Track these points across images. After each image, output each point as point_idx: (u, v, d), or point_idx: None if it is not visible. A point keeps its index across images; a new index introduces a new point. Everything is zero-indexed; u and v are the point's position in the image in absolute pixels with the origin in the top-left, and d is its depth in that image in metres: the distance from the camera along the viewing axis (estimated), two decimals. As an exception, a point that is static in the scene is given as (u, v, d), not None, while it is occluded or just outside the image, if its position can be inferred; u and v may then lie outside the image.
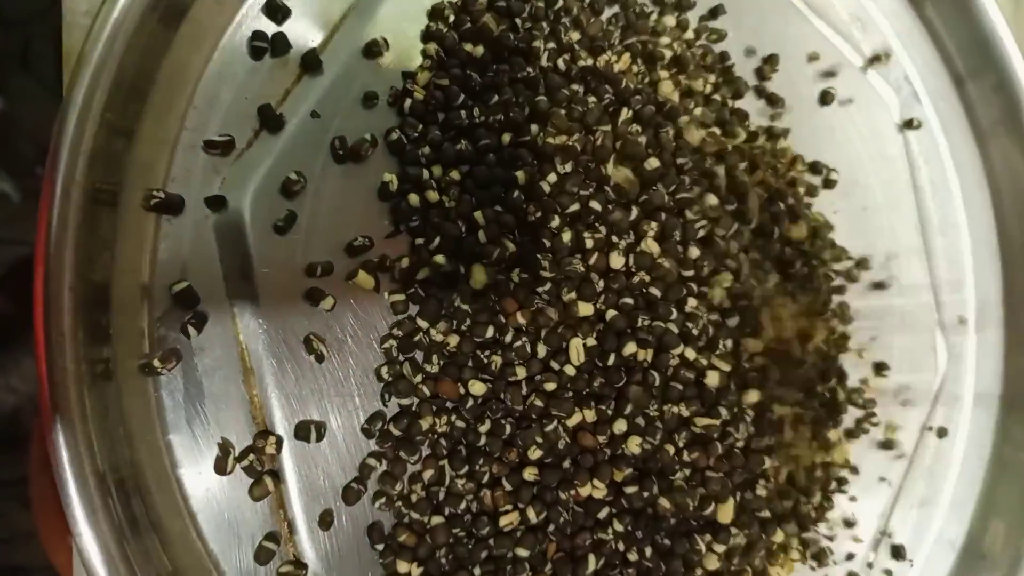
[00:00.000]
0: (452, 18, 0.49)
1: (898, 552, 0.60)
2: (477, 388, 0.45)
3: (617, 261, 0.46)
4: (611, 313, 0.46)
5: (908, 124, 0.63)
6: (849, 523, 0.58)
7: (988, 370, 0.64)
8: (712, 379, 0.46)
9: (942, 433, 0.62)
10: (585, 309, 0.45)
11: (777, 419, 0.49)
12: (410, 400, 0.45)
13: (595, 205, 0.46)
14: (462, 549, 0.45)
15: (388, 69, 0.47)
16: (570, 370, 0.45)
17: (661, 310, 0.46)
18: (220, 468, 0.42)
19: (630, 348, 0.45)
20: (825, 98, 0.60)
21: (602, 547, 0.46)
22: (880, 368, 0.60)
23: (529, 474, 0.46)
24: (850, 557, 0.57)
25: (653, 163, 0.47)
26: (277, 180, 0.44)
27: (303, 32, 0.47)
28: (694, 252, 0.47)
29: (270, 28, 0.46)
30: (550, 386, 0.45)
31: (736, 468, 0.48)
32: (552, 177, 0.47)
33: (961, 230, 0.64)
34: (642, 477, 0.46)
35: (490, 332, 0.46)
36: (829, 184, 0.59)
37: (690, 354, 0.46)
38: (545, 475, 0.46)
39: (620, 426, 0.45)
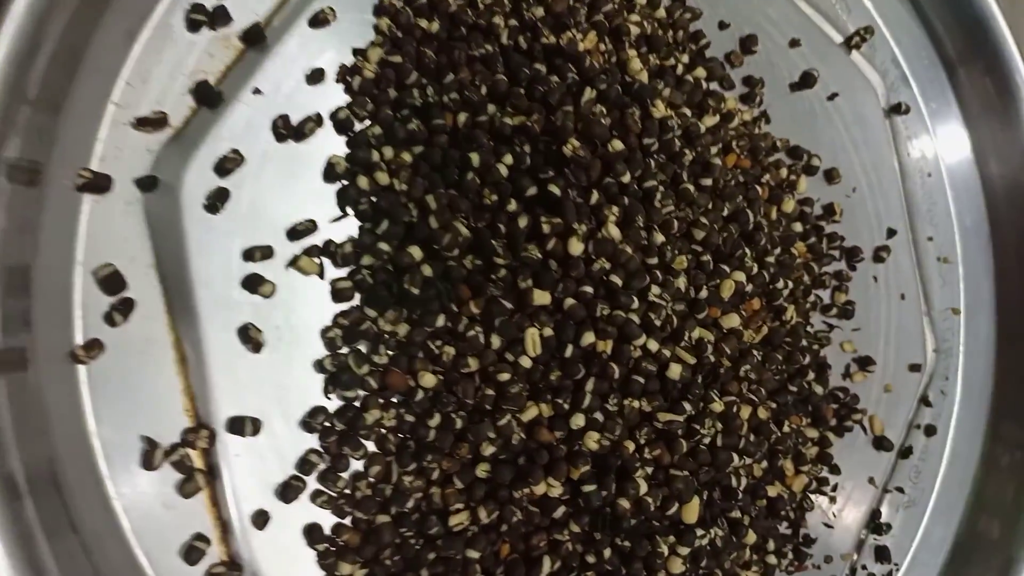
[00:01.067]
0: (406, -9, 0.47)
1: (883, 554, 0.57)
2: (427, 380, 0.43)
3: (576, 247, 0.43)
4: (569, 302, 0.43)
5: (895, 109, 0.60)
6: (829, 525, 0.55)
7: (979, 364, 0.61)
8: (675, 372, 0.44)
9: (930, 431, 0.59)
10: (542, 298, 0.43)
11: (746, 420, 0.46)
12: (355, 393, 0.43)
13: (554, 189, 0.44)
14: (409, 550, 0.43)
15: (336, 44, 0.45)
16: (525, 362, 0.43)
17: (622, 299, 0.43)
18: (148, 463, 0.40)
19: (588, 339, 0.43)
20: (807, 81, 0.57)
21: (558, 548, 0.44)
22: (864, 363, 0.57)
23: (481, 471, 0.43)
24: (828, 560, 0.55)
25: (617, 145, 0.45)
26: (215, 160, 0.42)
27: (245, 3, 0.44)
28: (658, 238, 0.44)
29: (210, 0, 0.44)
30: (504, 378, 0.43)
31: (702, 466, 0.45)
32: (509, 159, 0.44)
33: (951, 219, 0.62)
34: (600, 475, 0.44)
35: (441, 321, 0.43)
36: (811, 170, 0.57)
37: (652, 345, 0.44)
38: (498, 472, 0.43)
39: (578, 421, 0.43)
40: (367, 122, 0.45)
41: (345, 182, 0.44)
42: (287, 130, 0.43)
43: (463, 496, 0.43)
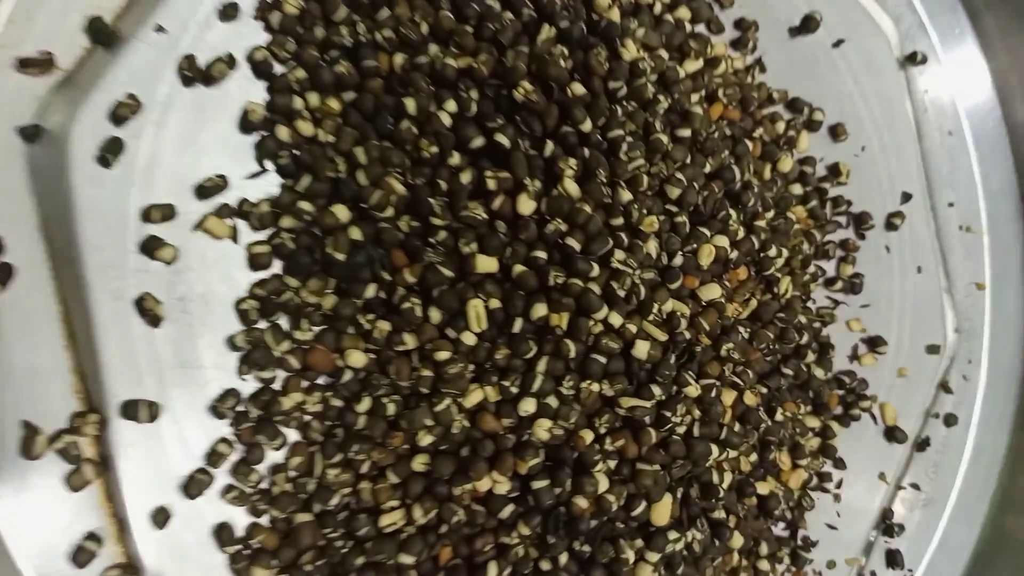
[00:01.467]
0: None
1: (895, 559, 0.51)
2: (356, 359, 0.38)
3: (526, 206, 0.37)
4: (518, 269, 0.37)
5: (911, 59, 0.54)
6: (833, 527, 0.49)
7: (1006, 345, 0.54)
8: (641, 350, 0.38)
9: (950, 420, 0.53)
10: (487, 264, 0.37)
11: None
12: (272, 374, 0.38)
13: (502, 139, 0.38)
14: (334, 554, 0.37)
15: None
16: (468, 338, 0.37)
17: (580, 266, 0.37)
18: (27, 451, 0.35)
19: (540, 311, 0.37)
20: (809, 25, 0.50)
21: (506, 553, 0.38)
22: (875, 343, 0.51)
23: (418, 464, 0.38)
24: (832, 565, 0.48)
25: (577, 89, 0.39)
26: (109, 107, 0.36)
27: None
28: (624, 196, 0.38)
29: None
30: (443, 357, 0.37)
31: (676, 459, 0.39)
32: (451, 106, 0.38)
33: (975, 182, 0.55)
34: (554, 469, 0.38)
35: (372, 292, 0.38)
36: (813, 126, 0.50)
37: (615, 319, 0.38)
38: (437, 465, 0.38)
39: (527, 407, 0.37)
40: (289, 64, 0.39)
41: (263, 133, 0.39)
42: (194, 73, 0.37)
43: (397, 492, 0.38)
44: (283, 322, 0.38)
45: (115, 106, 0.36)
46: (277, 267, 0.38)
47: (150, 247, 0.36)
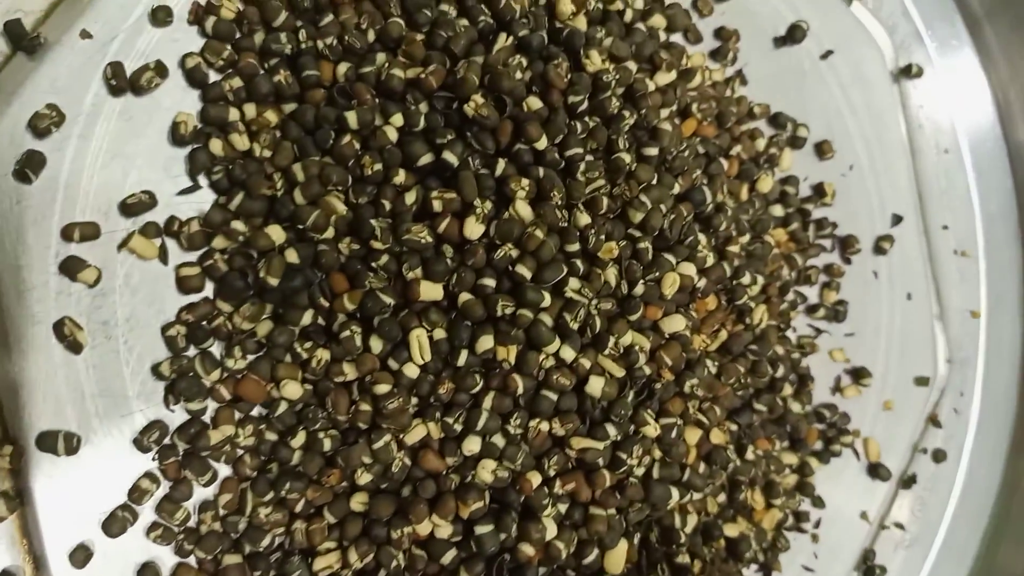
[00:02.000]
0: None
1: (877, 603, 0.48)
2: (291, 391, 0.35)
3: (475, 229, 0.35)
4: (464, 297, 0.35)
5: (906, 71, 0.51)
6: (810, 569, 0.46)
7: (1001, 377, 0.51)
8: (595, 387, 0.35)
9: (939, 456, 0.50)
10: (432, 291, 0.35)
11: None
12: (202, 405, 0.35)
13: (449, 157, 0.35)
14: (263, 599, 0.35)
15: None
16: (410, 370, 0.35)
17: (530, 295, 0.35)
18: (-68, 486, 0.32)
19: (487, 344, 0.35)
20: (795, 35, 0.47)
21: (448, 602, 0.36)
22: (859, 375, 0.48)
23: (356, 503, 0.35)
24: (807, 611, 0.46)
25: (533, 103, 0.36)
26: (29, 118, 0.34)
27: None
28: (581, 219, 0.36)
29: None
30: (383, 390, 0.34)
31: (632, 503, 0.36)
32: (398, 120, 0.36)
33: (971, 204, 0.52)
34: (499, 512, 0.35)
35: (309, 319, 0.35)
36: (797, 142, 0.48)
37: (567, 353, 0.35)
38: (375, 505, 0.35)
39: (471, 446, 0.35)
40: (225, 73, 0.37)
41: (195, 146, 0.36)
42: (122, 81, 0.35)
43: (333, 533, 0.36)
44: (214, 349, 0.36)
45: (35, 117, 0.34)
46: (209, 291, 0.36)
47: (71, 268, 0.34)
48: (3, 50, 0.35)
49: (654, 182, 0.38)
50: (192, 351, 0.36)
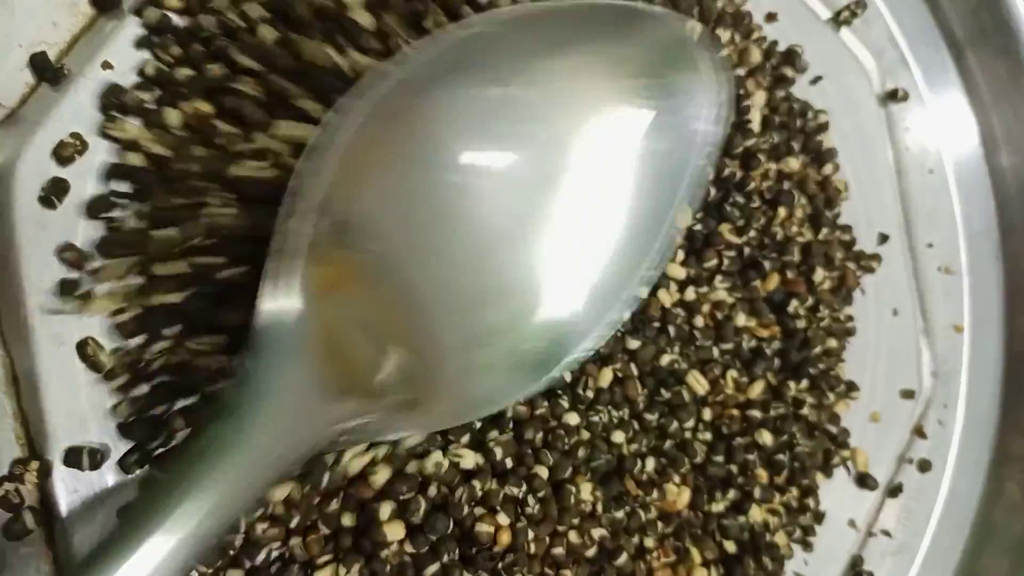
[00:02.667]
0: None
1: (863, 609, 0.50)
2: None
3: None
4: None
5: (892, 95, 0.53)
6: (800, 575, 0.48)
7: (984, 390, 0.53)
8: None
9: (925, 466, 0.52)
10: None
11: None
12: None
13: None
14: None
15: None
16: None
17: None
18: (-37, 501, 0.34)
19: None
20: (791, 60, 0.49)
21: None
22: (848, 388, 0.50)
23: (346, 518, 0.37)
24: (791, 617, 0.47)
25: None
26: (53, 146, 0.36)
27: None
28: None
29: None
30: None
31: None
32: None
33: (955, 223, 0.54)
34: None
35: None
36: (787, 165, 0.49)
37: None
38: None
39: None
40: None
41: (213, 173, 0.38)
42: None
43: (330, 545, 0.37)
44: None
45: (59, 145, 0.35)
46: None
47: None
48: (29, 81, 0.36)
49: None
50: (210, 370, 0.37)
